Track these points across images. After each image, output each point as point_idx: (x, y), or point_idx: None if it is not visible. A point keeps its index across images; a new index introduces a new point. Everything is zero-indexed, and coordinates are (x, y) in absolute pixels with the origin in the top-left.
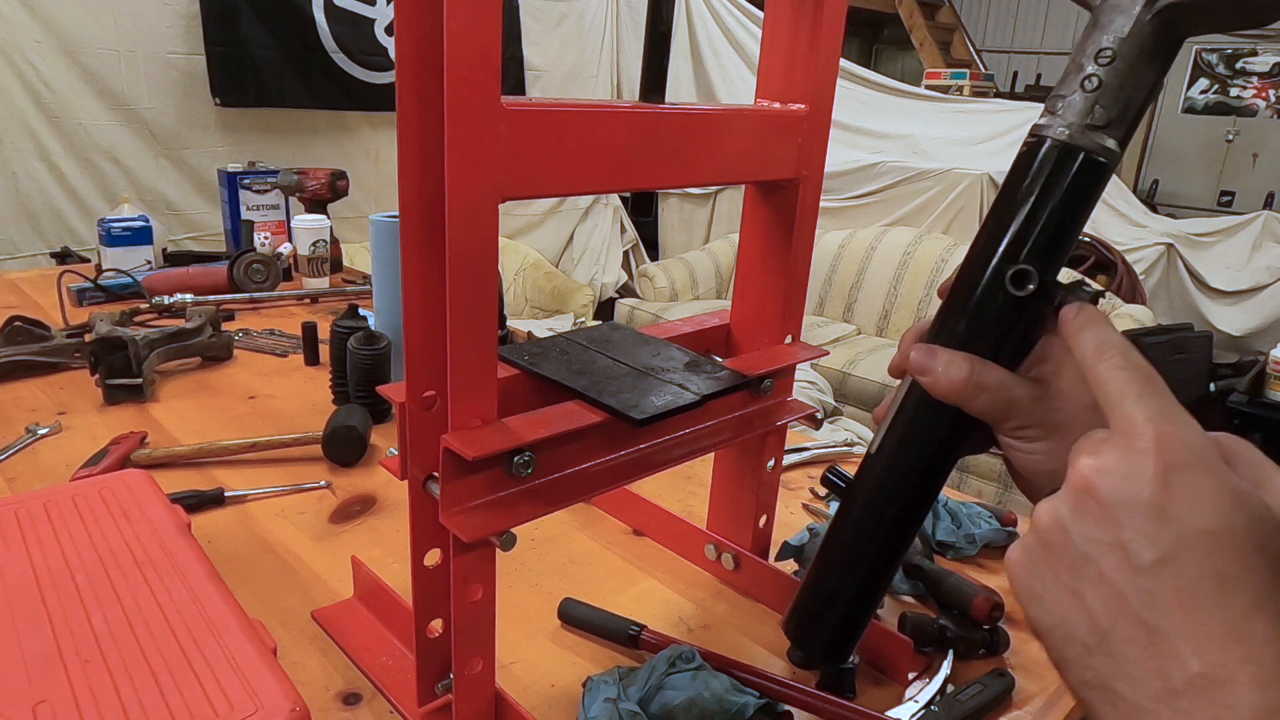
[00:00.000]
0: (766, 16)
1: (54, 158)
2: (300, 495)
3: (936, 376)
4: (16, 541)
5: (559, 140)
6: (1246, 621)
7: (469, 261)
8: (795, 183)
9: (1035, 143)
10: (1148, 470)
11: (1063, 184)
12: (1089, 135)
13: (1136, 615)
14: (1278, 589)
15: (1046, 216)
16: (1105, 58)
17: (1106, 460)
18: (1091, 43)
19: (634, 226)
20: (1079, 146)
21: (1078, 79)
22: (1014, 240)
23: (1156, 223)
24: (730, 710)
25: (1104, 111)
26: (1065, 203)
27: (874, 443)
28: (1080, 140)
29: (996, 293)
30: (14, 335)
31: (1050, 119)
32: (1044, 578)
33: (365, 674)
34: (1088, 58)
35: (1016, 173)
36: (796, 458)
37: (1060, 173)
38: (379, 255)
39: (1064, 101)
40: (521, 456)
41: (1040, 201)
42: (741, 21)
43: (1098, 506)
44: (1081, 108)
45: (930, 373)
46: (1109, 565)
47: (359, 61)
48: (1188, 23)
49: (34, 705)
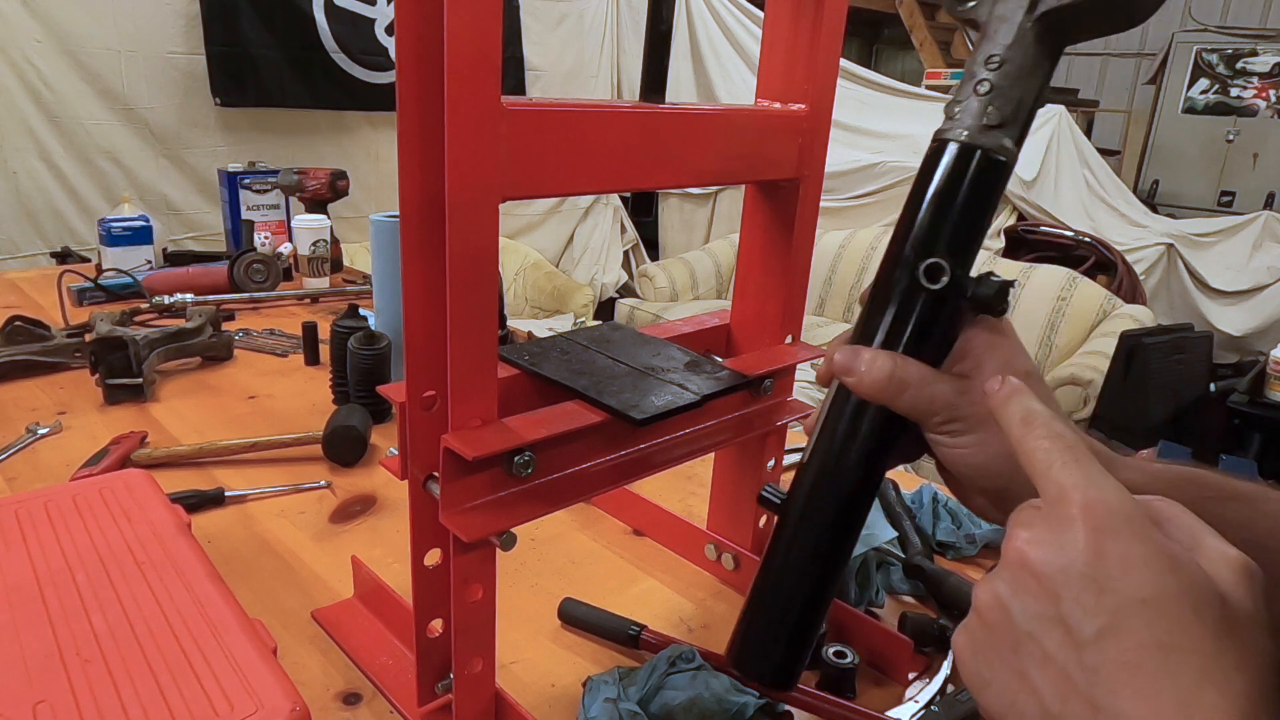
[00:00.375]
0: (767, 16)
1: (54, 157)
2: (300, 495)
3: (860, 376)
4: (17, 541)
5: (559, 140)
6: (1197, 692)
7: (469, 261)
8: (795, 183)
9: (938, 146)
10: (1079, 539)
11: (965, 181)
12: (985, 135)
13: (1085, 696)
14: (1222, 655)
15: (954, 212)
16: (994, 64)
17: (1039, 532)
18: (981, 52)
19: (634, 226)
20: (977, 145)
21: (971, 85)
22: (925, 237)
23: (1157, 223)
24: (730, 710)
25: (997, 112)
26: (969, 198)
27: (805, 454)
28: (978, 140)
29: (914, 290)
30: (14, 335)
31: (950, 123)
32: (990, 662)
33: (365, 674)
34: (979, 65)
35: (924, 175)
36: (797, 458)
37: (962, 171)
38: (379, 255)
39: (960, 106)
40: (522, 456)
41: (946, 199)
42: (742, 21)
43: (1034, 580)
44: (976, 110)
45: (854, 372)
46: (1052, 643)
47: (359, 61)
48: (1067, 29)
49: (34, 705)
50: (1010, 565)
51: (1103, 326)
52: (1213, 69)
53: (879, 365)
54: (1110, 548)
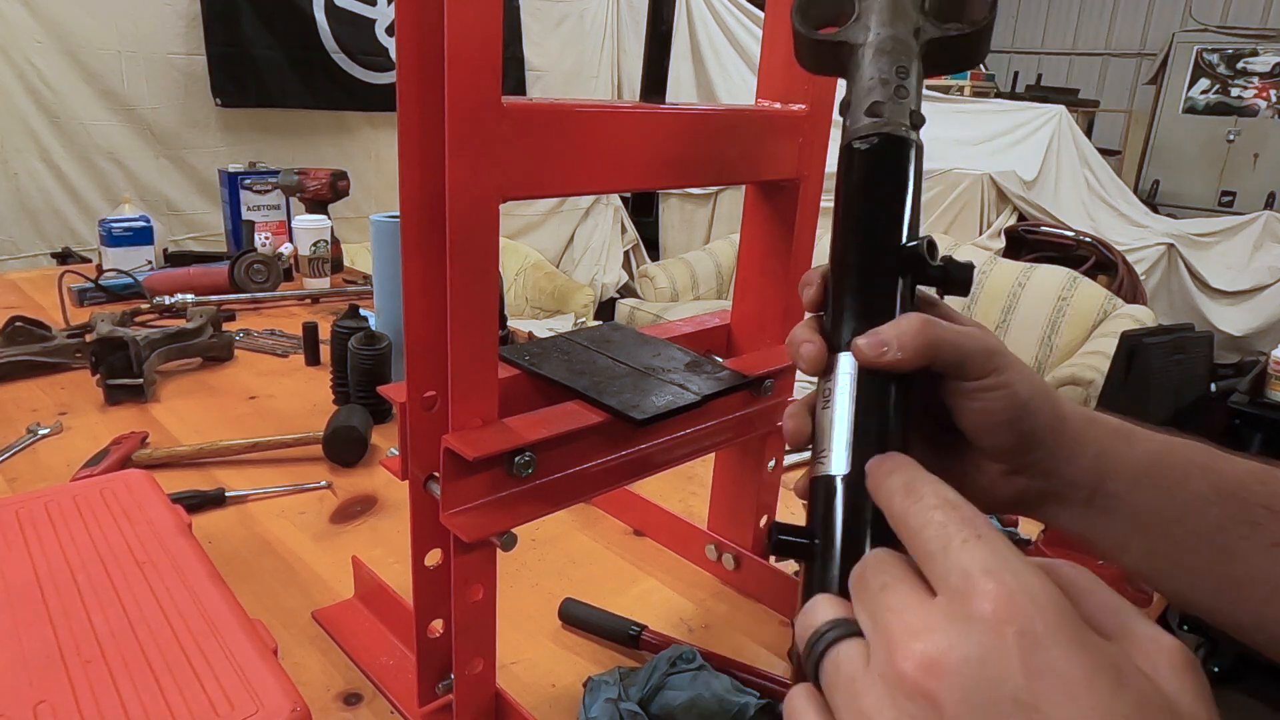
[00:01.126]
0: (767, 16)
1: (55, 158)
2: (301, 495)
3: (900, 344)
4: (17, 541)
5: (560, 140)
6: None
7: (470, 262)
8: (796, 183)
9: (881, 141)
10: (1006, 647)
11: (910, 168)
12: (912, 131)
13: None
14: None
15: (913, 198)
16: (904, 73)
17: (941, 641)
18: (882, 69)
19: (634, 226)
20: (910, 140)
21: (889, 89)
22: (911, 222)
23: (1157, 223)
24: (731, 710)
25: (917, 114)
26: (916, 184)
27: (833, 465)
28: (910, 135)
29: (900, 273)
30: (15, 335)
31: (875, 121)
32: None
33: (366, 674)
34: (890, 75)
35: (875, 168)
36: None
37: (910, 159)
38: (380, 255)
39: (884, 107)
40: (522, 457)
41: (908, 186)
42: (742, 22)
43: (940, 712)
44: (900, 109)
45: (889, 346)
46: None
47: (360, 62)
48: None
49: (35, 705)
50: (901, 686)
51: (1103, 326)
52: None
53: (908, 327)
54: (1043, 662)
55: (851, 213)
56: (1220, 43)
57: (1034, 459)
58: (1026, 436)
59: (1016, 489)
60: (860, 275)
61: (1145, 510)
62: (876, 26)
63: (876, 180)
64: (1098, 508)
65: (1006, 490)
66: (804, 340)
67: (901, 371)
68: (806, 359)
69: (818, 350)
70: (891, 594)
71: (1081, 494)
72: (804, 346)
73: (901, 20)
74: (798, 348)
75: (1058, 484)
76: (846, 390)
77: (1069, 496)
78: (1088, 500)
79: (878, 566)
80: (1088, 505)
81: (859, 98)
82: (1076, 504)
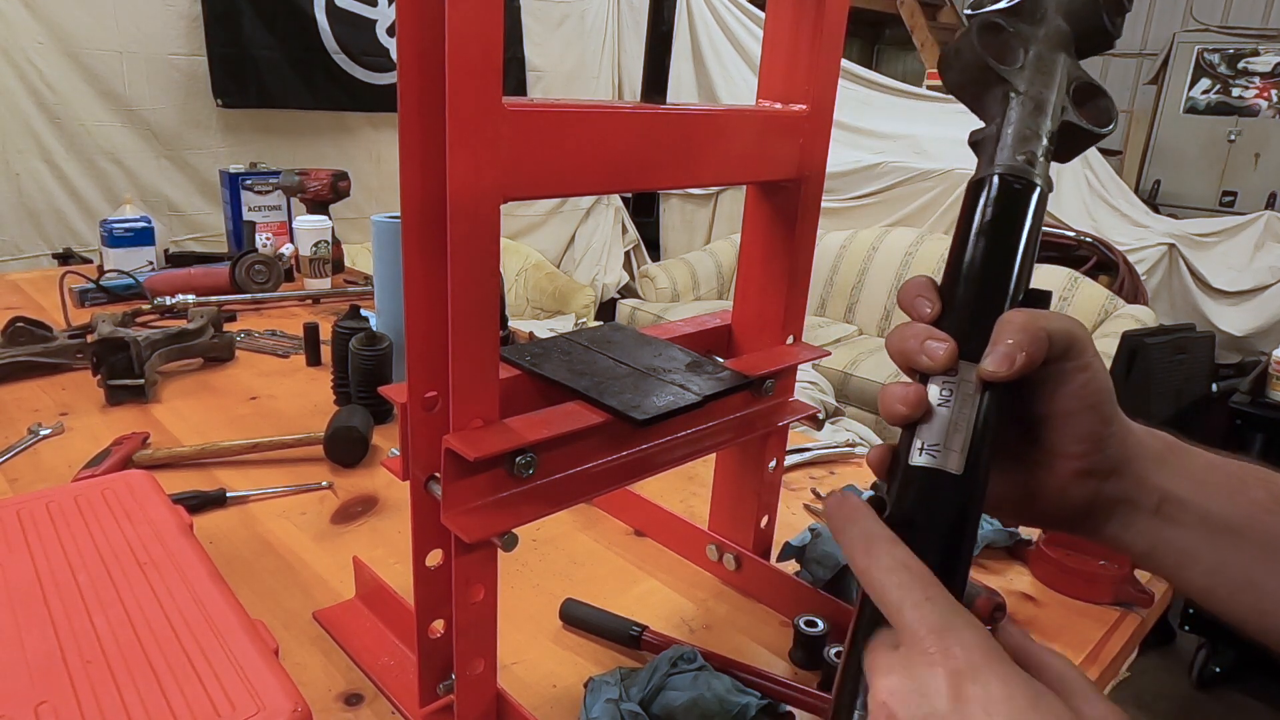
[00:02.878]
0: (768, 17)
1: (56, 159)
2: (302, 496)
3: (1021, 352)
4: (19, 542)
5: (560, 141)
6: None
7: (470, 262)
8: (797, 183)
9: (1027, 186)
10: (940, 684)
11: (1041, 223)
12: (1048, 191)
13: None
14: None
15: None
16: (1052, 137)
17: (898, 680)
18: (1040, 124)
19: (635, 227)
20: (1047, 198)
21: (1042, 146)
22: (1031, 264)
23: (1158, 223)
24: (732, 710)
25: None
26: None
27: (950, 463)
28: (1048, 194)
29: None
30: (16, 336)
31: (1029, 169)
32: None
33: (367, 674)
34: (1043, 133)
35: (1025, 210)
36: (798, 458)
37: (1043, 215)
38: (381, 256)
39: (1039, 161)
40: (523, 457)
41: (1038, 238)
42: (743, 22)
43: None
44: (1045, 169)
45: (1012, 354)
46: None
47: (360, 63)
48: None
49: (36, 705)
50: (877, 707)
51: (1104, 327)
52: (1214, 69)
53: (1023, 324)
54: (970, 690)
55: (996, 246)
56: (1221, 43)
57: (1109, 455)
58: (1106, 424)
59: (1088, 494)
60: (998, 301)
61: (1213, 517)
62: (1039, 84)
63: (1025, 222)
64: (1165, 516)
65: (1079, 494)
66: (935, 339)
67: (1028, 373)
68: (938, 359)
69: (952, 350)
70: (873, 652)
71: (1151, 500)
72: (936, 346)
73: (1056, 91)
74: (925, 344)
75: (1128, 487)
76: (971, 397)
77: (1140, 503)
78: (1156, 508)
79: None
80: (1156, 514)
81: (1012, 139)
82: (1145, 512)
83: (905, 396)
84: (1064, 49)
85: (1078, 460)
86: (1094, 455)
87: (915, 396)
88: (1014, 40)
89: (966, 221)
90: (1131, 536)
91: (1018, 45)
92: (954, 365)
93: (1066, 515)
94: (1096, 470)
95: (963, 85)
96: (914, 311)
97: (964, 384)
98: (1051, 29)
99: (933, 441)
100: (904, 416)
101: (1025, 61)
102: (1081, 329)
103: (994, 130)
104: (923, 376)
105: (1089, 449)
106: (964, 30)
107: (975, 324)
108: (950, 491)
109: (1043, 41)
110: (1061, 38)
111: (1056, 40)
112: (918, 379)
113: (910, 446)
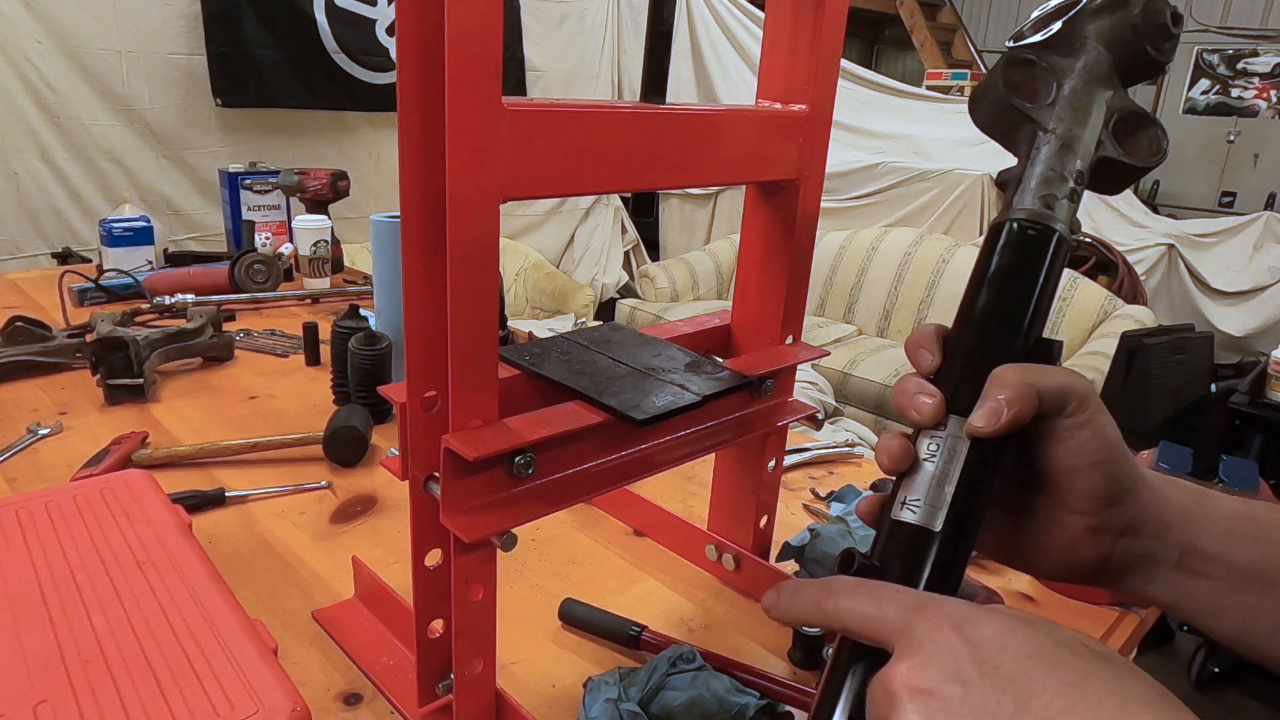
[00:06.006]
0: (767, 17)
1: (55, 158)
2: (301, 495)
3: (1006, 402)
4: (18, 541)
5: (560, 141)
6: (1124, 709)
7: (470, 262)
8: (796, 183)
9: (1042, 233)
10: (949, 640)
11: (1060, 268)
12: (1071, 235)
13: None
14: (1119, 678)
15: (1051, 297)
16: (1081, 178)
17: (913, 660)
18: (1066, 164)
19: (635, 227)
20: (1068, 243)
21: (1065, 188)
22: (1044, 313)
23: (1158, 223)
24: (731, 711)
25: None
26: (1057, 283)
27: (931, 520)
28: (1069, 239)
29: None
30: (15, 335)
31: (1046, 213)
32: None
33: (366, 674)
34: (1069, 174)
35: (1036, 259)
36: (797, 458)
37: (1063, 261)
38: (380, 255)
39: (1059, 204)
40: (522, 457)
41: (1055, 285)
42: (742, 22)
43: (936, 699)
44: (1069, 211)
45: (1000, 410)
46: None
47: (360, 62)
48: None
49: (35, 705)
50: (910, 698)
51: (1103, 327)
52: (1213, 69)
53: (1011, 381)
54: (974, 633)
55: (1002, 297)
56: (1220, 43)
57: (1122, 512)
58: (1115, 482)
59: (1101, 551)
60: (1000, 354)
61: (1241, 568)
62: (1070, 121)
63: (1037, 271)
64: (1188, 570)
65: (1091, 552)
66: (925, 394)
67: (1016, 429)
68: (925, 413)
69: (939, 405)
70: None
71: (1172, 555)
72: (924, 401)
73: (1091, 128)
74: (914, 398)
75: (1147, 543)
76: (958, 453)
77: (1160, 558)
78: (1178, 563)
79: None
80: (1178, 568)
81: (1033, 182)
82: (1167, 567)
83: (889, 449)
84: (1104, 80)
85: (1086, 517)
86: (1103, 513)
87: (899, 450)
88: (1045, 75)
89: (981, 268)
90: (1155, 590)
91: (1050, 80)
92: (943, 419)
93: (1080, 570)
94: (1109, 527)
95: (991, 123)
96: (914, 362)
97: (953, 439)
98: (1091, 60)
99: (914, 496)
100: (887, 469)
101: (1056, 97)
102: (1082, 383)
103: (1018, 171)
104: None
105: (1097, 506)
106: (994, 66)
107: (972, 377)
108: (929, 548)
109: (1079, 74)
110: (1102, 68)
111: (1096, 71)
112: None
113: (894, 499)
